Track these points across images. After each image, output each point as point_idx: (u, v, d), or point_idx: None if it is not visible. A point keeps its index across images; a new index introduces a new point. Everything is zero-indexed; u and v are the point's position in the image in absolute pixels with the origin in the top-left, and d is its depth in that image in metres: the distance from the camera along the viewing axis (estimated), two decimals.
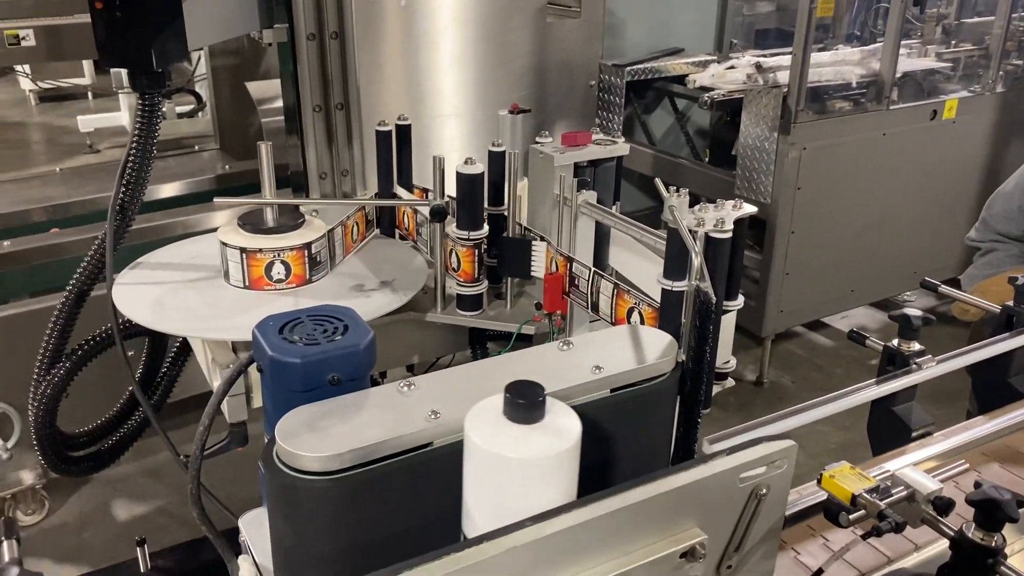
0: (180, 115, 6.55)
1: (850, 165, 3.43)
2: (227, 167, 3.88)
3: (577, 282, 1.46)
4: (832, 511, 0.95)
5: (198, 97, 6.43)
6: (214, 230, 1.55)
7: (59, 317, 1.62)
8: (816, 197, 3.41)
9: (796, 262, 3.48)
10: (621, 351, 0.99)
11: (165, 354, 1.81)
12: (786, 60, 3.28)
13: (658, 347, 1.00)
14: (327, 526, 0.82)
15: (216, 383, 1.56)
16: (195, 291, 1.53)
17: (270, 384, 0.94)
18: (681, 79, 3.83)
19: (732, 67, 3.46)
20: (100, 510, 2.98)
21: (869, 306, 4.06)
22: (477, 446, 0.77)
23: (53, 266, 2.85)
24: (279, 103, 3.94)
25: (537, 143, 1.56)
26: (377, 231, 1.80)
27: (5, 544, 0.93)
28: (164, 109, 1.65)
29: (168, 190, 3.59)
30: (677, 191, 1.17)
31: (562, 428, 0.81)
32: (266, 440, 0.97)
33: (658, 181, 1.18)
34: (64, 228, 2.99)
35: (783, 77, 3.30)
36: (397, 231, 1.81)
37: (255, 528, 1.05)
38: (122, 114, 6.54)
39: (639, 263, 1.47)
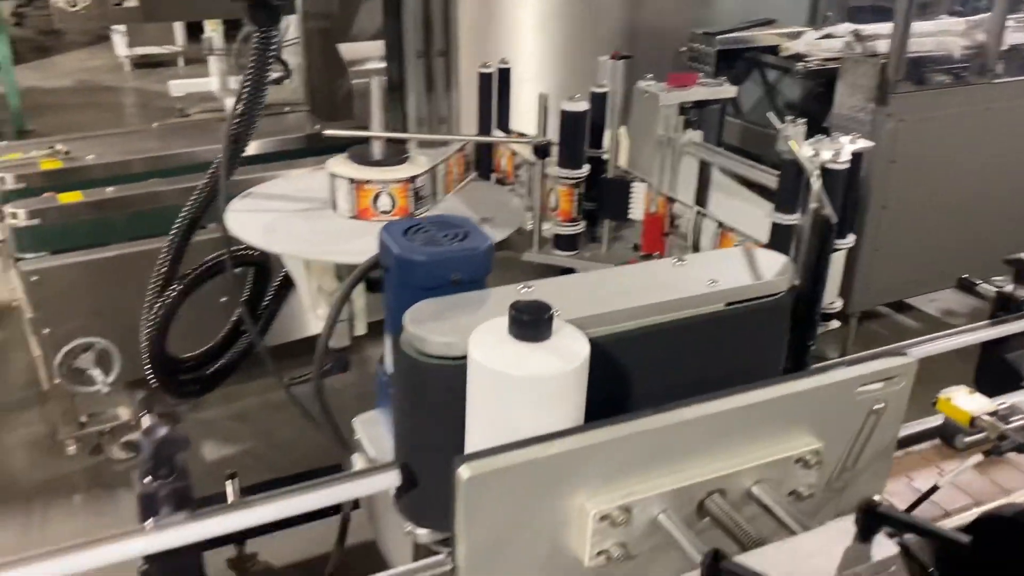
0: (269, 82, 6.68)
1: (949, 140, 3.32)
2: (316, 127, 3.96)
3: (677, 223, 1.46)
4: (948, 433, 0.94)
5: (285, 64, 6.55)
6: None
7: (173, 242, 1.69)
8: (911, 172, 3.31)
9: (886, 239, 3.39)
10: (736, 268, 0.99)
11: (267, 288, 1.87)
12: (886, 29, 3.19)
13: (774, 267, 1.00)
14: (449, 406, 0.85)
15: (320, 310, 1.61)
16: (304, 219, 1.58)
17: (395, 283, 0.97)
18: (773, 50, 3.76)
19: (828, 35, 3.39)
20: (191, 450, 3.10)
21: (957, 290, 3.94)
22: (478, 363, 0.78)
23: (151, 213, 2.95)
24: (369, 64, 4.01)
25: (641, 84, 1.56)
26: (475, 174, 1.82)
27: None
28: (277, 43, 1.70)
29: (260, 147, 3.68)
30: (793, 121, 1.16)
31: (569, 349, 0.79)
32: (386, 339, 1.01)
33: (771, 114, 1.18)
34: (161, 178, 3.12)
35: (882, 46, 3.21)
36: (494, 175, 1.83)
37: (369, 427, 1.09)
38: (211, 80, 6.72)
39: (742, 207, 1.47)
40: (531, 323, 0.76)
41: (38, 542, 2.60)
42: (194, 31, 7.29)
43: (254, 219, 1.57)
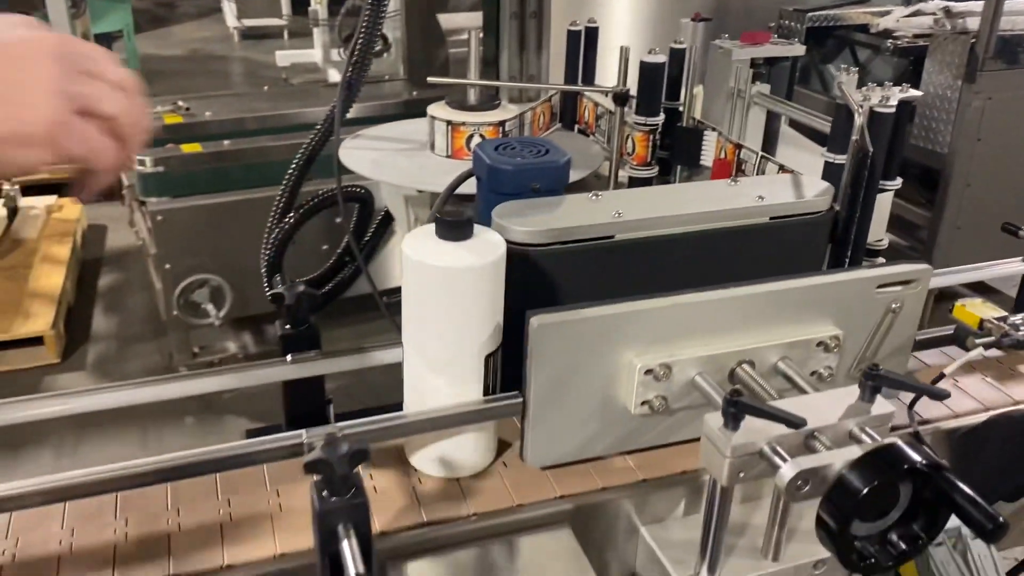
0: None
1: None
2: (414, 93, 4.17)
3: (744, 167, 1.60)
4: (960, 336, 1.07)
5: (384, 38, 6.81)
6: None
7: (291, 177, 1.91)
8: (997, 150, 3.32)
9: (968, 217, 3.41)
10: (782, 188, 1.14)
11: (370, 223, 2.08)
12: (977, 6, 3.21)
13: (815, 189, 1.15)
14: (527, 288, 1.02)
15: None
16: (406, 157, 1.78)
17: (485, 189, 1.15)
18: (863, 28, 3.79)
19: (918, 12, 3.41)
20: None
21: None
22: (409, 257, 0.93)
23: (262, 165, 3.22)
24: (465, 35, 4.19)
25: (717, 41, 1.70)
26: (560, 125, 1.99)
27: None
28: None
29: (360, 111, 3.91)
30: (847, 70, 1.29)
31: (486, 248, 0.93)
32: None
33: (831, 66, 1.31)
34: (270, 135, 3.40)
35: (972, 24, 3.23)
36: (576, 126, 1.99)
37: None
38: (315, 51, 7.04)
39: (807, 160, 1.59)
40: (452, 224, 0.93)
41: (155, 454, 2.92)
42: (300, 4, 7.64)
43: (363, 155, 1.78)
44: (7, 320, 3.32)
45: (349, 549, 0.74)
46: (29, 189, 4.28)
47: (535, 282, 1.02)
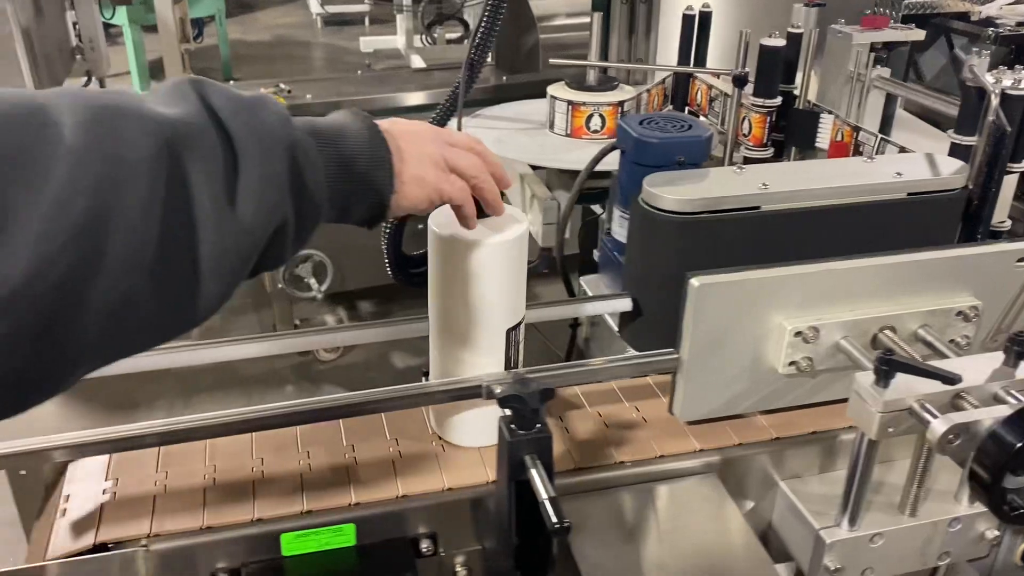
0: (449, 41, 7.09)
1: None
2: (504, 79, 4.25)
3: (862, 149, 1.64)
4: None
5: (465, 25, 6.93)
6: None
7: None
8: None
9: None
10: (918, 166, 1.18)
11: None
12: None
13: (951, 167, 1.19)
14: (673, 254, 1.09)
15: (530, 216, 1.89)
16: (526, 135, 1.86)
17: (629, 162, 1.22)
18: (962, 16, 3.73)
19: None
20: (383, 358, 3.50)
21: None
22: (435, 233, 0.97)
23: None
24: (558, 20, 4.25)
25: (835, 26, 1.74)
26: (671, 107, 2.04)
27: None
28: None
29: (449, 95, 3.98)
30: (978, 53, 1.32)
31: (509, 225, 0.98)
32: (614, 211, 1.27)
33: (958, 50, 1.34)
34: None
35: None
36: (687, 108, 2.04)
37: (591, 284, 1.35)
38: (398, 38, 7.17)
39: (924, 143, 1.63)
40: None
41: None
42: None
43: (486, 134, 1.87)
44: None
45: (538, 477, 0.82)
46: None
47: (683, 248, 1.09)
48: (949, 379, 0.86)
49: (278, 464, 1.03)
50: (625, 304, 1.13)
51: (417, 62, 6.41)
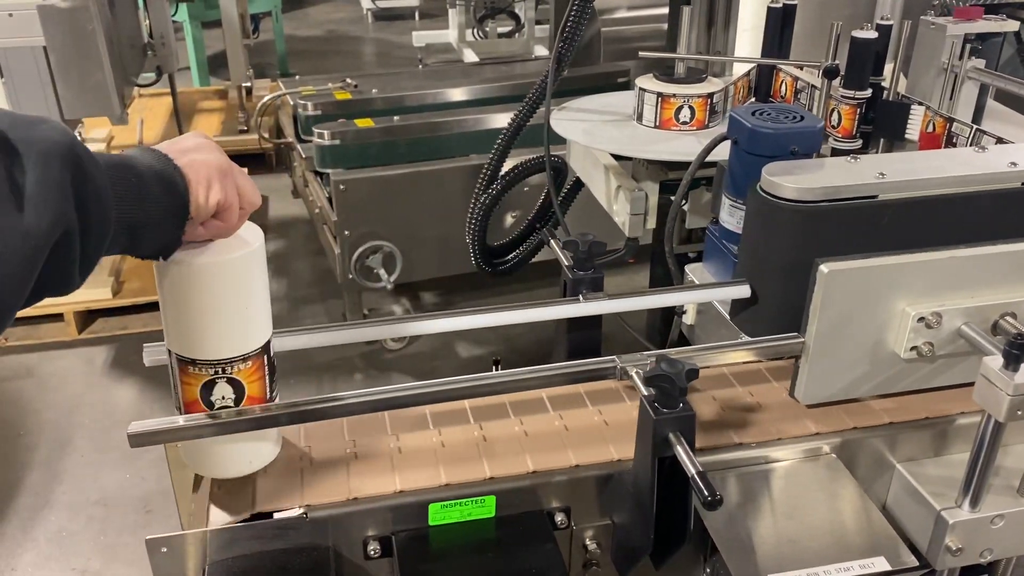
0: (500, 35, 7.12)
1: None
2: (564, 72, 4.27)
3: (955, 141, 1.64)
4: None
5: (517, 19, 6.96)
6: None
7: (499, 146, 2.05)
8: None
9: None
10: None
11: (561, 189, 2.21)
12: None
13: None
14: (793, 242, 1.12)
15: (616, 206, 1.92)
16: (615, 127, 1.90)
17: (742, 152, 1.25)
18: None
19: None
20: (447, 347, 3.56)
21: None
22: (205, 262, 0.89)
23: (428, 140, 3.39)
24: (618, 13, 4.26)
25: (926, 18, 1.75)
26: (754, 99, 2.06)
27: None
28: None
29: (507, 90, 4.01)
30: None
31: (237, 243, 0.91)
32: (724, 200, 1.30)
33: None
34: (430, 111, 3.57)
35: None
36: (771, 100, 2.06)
37: (697, 273, 1.39)
38: (449, 32, 7.23)
39: (1017, 133, 1.63)
40: None
41: None
42: None
43: (574, 126, 1.90)
44: None
45: (684, 453, 0.86)
46: None
47: (804, 236, 1.12)
48: None
49: (413, 441, 1.08)
50: (743, 291, 1.17)
51: (470, 56, 6.46)
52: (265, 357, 0.94)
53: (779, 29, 2.00)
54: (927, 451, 1.12)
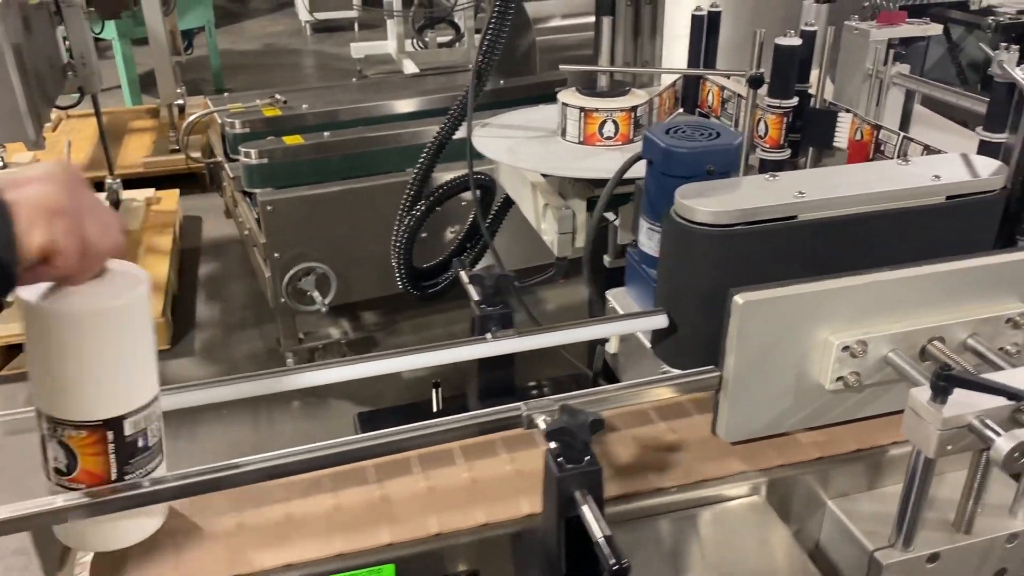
0: (440, 45, 7.05)
1: None
2: (501, 82, 4.20)
3: (883, 148, 1.60)
4: None
5: (456, 28, 6.88)
6: None
7: (422, 165, 1.97)
8: None
9: None
10: (955, 168, 1.15)
11: (491, 208, 2.13)
12: None
13: (988, 168, 1.15)
14: (709, 269, 1.05)
15: (543, 225, 1.85)
16: (539, 143, 1.82)
17: (657, 173, 1.18)
18: (960, 5, 3.71)
19: None
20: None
21: None
22: (21, 299, 0.80)
23: (361, 156, 3.29)
24: (553, 22, 4.21)
25: (850, 23, 1.70)
26: (681, 110, 2.01)
27: None
28: None
29: (443, 102, 3.93)
30: (1007, 48, 1.29)
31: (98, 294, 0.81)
32: (641, 223, 1.23)
33: (981, 44, 1.31)
34: (364, 126, 3.47)
35: None
36: (698, 111, 2.01)
37: (619, 298, 1.31)
38: (388, 43, 7.13)
39: (943, 138, 1.59)
40: None
41: (266, 439, 3.02)
42: None
43: (497, 143, 1.82)
44: None
45: (591, 514, 0.78)
46: (126, 183, 4.44)
47: (720, 262, 1.05)
48: (1015, 395, 0.83)
49: (306, 506, 0.99)
50: (660, 321, 1.09)
51: (410, 67, 6.37)
52: (110, 433, 0.84)
53: (705, 37, 1.95)
54: (861, 485, 1.06)
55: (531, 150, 1.80)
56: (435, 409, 1.98)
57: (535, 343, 1.05)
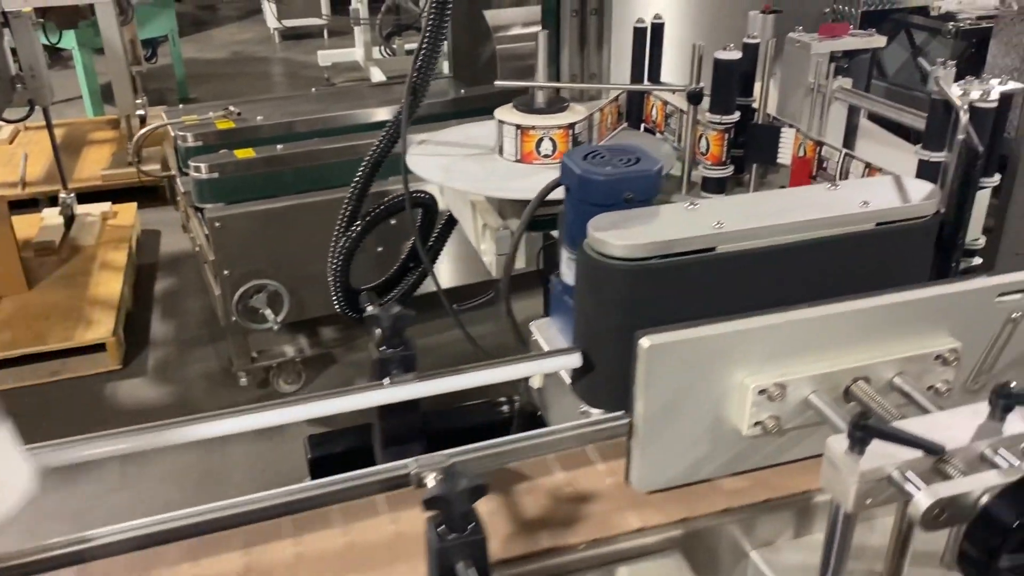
0: (408, 52, 6.98)
1: None
2: (462, 91, 4.13)
3: (825, 165, 1.54)
4: None
5: None
6: None
7: (357, 184, 1.89)
8: None
9: None
10: (886, 192, 1.09)
11: (434, 228, 2.06)
12: None
13: (921, 192, 1.09)
14: (624, 304, 0.99)
15: (484, 246, 1.78)
16: (474, 162, 1.76)
17: (575, 200, 1.12)
18: (922, 11, 3.69)
19: None
20: (347, 385, 3.37)
21: None
22: None
23: (315, 169, 3.21)
24: (513, 31, 4.15)
25: (793, 35, 1.65)
26: (626, 124, 1.95)
27: None
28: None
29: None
30: (944, 64, 1.24)
31: None
32: (562, 252, 1.16)
33: (921, 59, 1.25)
34: (320, 138, 3.39)
35: None
36: (643, 125, 1.95)
37: (543, 330, 1.25)
38: (356, 50, 7.06)
39: (887, 151, 1.54)
40: None
41: (218, 462, 2.93)
42: (339, 3, 7.67)
43: (432, 161, 1.76)
44: (69, 328, 3.37)
45: None
46: (81, 198, 4.34)
47: (634, 298, 0.99)
48: (932, 450, 0.77)
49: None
50: (574, 361, 1.03)
51: (377, 75, 6.29)
52: None
53: (648, 49, 1.89)
54: (785, 533, 1.00)
55: (467, 169, 1.73)
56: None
57: (436, 388, 0.98)
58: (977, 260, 1.41)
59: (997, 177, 1.33)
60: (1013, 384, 0.83)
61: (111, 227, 4.22)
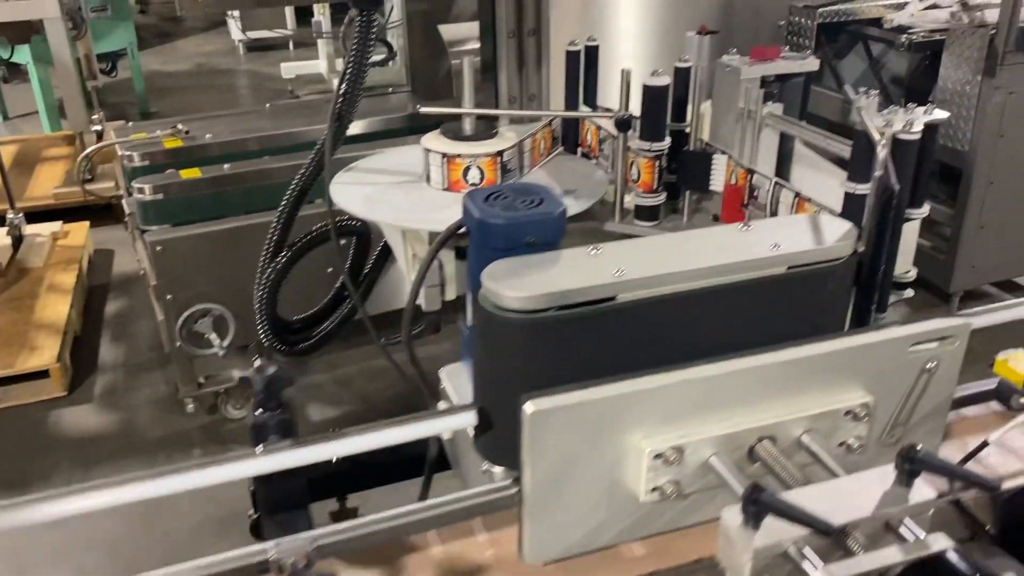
0: (372, 64, 6.90)
1: None
2: (419, 106, 4.06)
3: (757, 193, 1.50)
4: (1004, 394, 0.97)
5: (389, 46, 6.75)
6: None
7: (283, 212, 1.83)
8: (1020, 146, 3.20)
9: (993, 215, 3.30)
10: (800, 233, 1.04)
11: (368, 257, 2.00)
12: None
13: (836, 233, 1.04)
14: (520, 358, 0.93)
15: (413, 275, 1.72)
16: (401, 191, 1.69)
17: (475, 244, 1.06)
18: (876, 22, 3.68)
19: (934, 5, 3.29)
20: (300, 408, 3.30)
21: None
22: None
23: (264, 188, 3.14)
24: (470, 45, 4.10)
25: (724, 58, 1.60)
26: (562, 148, 1.90)
27: None
28: (378, 25, 1.80)
29: (364, 126, 3.80)
30: (866, 92, 1.19)
31: None
32: (467, 295, 1.10)
33: (847, 87, 1.21)
34: (273, 155, 3.31)
35: (991, 16, 3.11)
36: (580, 149, 1.90)
37: (453, 377, 1.19)
38: (320, 62, 6.99)
39: (822, 179, 1.49)
40: None
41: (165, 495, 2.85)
42: (303, 15, 7.60)
43: (356, 191, 1.69)
44: (12, 354, 3.27)
45: None
46: (34, 216, 4.24)
47: (529, 353, 0.93)
48: (823, 530, 0.72)
49: None
50: (468, 419, 0.97)
51: None
52: None
53: (580, 73, 1.84)
54: None
55: (392, 199, 1.67)
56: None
57: (317, 454, 0.91)
58: (909, 292, 1.37)
59: (926, 208, 1.29)
60: (919, 447, 0.79)
61: (61, 247, 4.11)
